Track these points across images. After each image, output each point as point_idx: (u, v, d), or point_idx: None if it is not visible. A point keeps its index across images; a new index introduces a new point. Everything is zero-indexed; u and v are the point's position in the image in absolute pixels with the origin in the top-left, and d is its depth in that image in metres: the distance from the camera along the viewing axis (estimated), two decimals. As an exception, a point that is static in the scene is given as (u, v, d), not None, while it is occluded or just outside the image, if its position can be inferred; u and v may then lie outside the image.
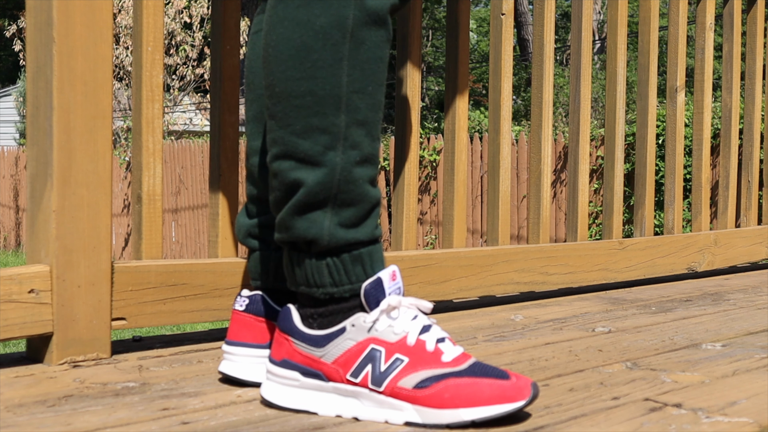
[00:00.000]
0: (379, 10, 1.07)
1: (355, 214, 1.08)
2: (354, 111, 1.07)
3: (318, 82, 1.06)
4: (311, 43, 1.06)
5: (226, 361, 1.24)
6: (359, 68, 1.07)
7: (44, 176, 1.31)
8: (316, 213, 1.07)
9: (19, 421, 1.03)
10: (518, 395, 1.01)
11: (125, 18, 10.35)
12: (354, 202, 1.08)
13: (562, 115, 13.66)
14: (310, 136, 1.06)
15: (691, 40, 13.12)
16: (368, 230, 1.10)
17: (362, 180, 1.08)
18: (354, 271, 1.08)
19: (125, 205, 10.39)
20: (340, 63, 1.06)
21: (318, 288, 1.09)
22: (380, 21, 1.08)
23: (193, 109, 13.06)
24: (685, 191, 6.14)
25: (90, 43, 1.32)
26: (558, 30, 23.04)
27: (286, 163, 1.08)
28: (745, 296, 2.21)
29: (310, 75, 1.06)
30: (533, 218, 2.23)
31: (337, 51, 1.06)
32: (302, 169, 1.07)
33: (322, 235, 1.07)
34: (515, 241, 7.62)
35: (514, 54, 14.01)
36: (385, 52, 1.10)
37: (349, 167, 1.07)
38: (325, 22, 1.05)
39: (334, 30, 1.05)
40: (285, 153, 1.08)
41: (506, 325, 1.76)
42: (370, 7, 1.06)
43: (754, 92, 2.92)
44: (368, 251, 1.09)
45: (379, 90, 1.10)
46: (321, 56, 1.06)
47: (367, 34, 1.07)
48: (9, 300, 1.26)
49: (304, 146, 1.07)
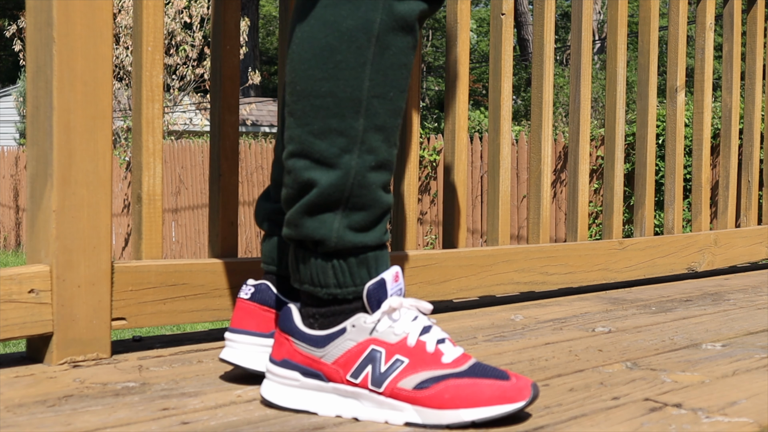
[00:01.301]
0: (407, 16, 1.06)
1: (366, 218, 1.08)
2: (373, 116, 1.07)
3: (339, 84, 1.06)
4: (336, 44, 1.06)
5: (227, 348, 1.24)
6: (382, 73, 1.07)
7: (44, 176, 1.31)
8: (326, 214, 1.07)
9: (19, 421, 1.03)
10: (518, 396, 1.01)
11: (125, 18, 10.35)
12: (366, 206, 1.08)
13: (562, 115, 13.66)
14: (327, 137, 1.06)
15: (691, 40, 13.12)
16: (377, 235, 1.09)
17: (375, 185, 1.08)
18: (359, 274, 1.08)
19: (125, 205, 10.39)
20: (364, 67, 1.06)
21: (322, 288, 1.09)
22: (407, 27, 1.07)
23: (193, 109, 13.06)
24: (685, 191, 6.14)
25: (90, 43, 1.32)
26: (558, 30, 23.04)
27: (301, 162, 1.08)
28: (745, 296, 2.21)
29: (332, 76, 1.06)
30: (533, 218, 2.23)
31: (362, 54, 1.05)
32: (317, 169, 1.07)
33: (331, 236, 1.07)
34: (515, 241, 7.62)
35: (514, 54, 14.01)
36: (410, 59, 1.09)
37: (364, 171, 1.07)
38: (351, 25, 1.05)
39: (360, 33, 1.05)
40: (301, 151, 1.08)
41: (506, 325, 1.76)
42: (398, 12, 1.06)
43: (754, 92, 2.92)
44: (375, 256, 1.09)
45: (401, 96, 1.10)
46: (345, 58, 1.05)
47: (393, 39, 1.06)
48: (9, 300, 1.26)
49: (321, 147, 1.07)
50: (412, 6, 1.07)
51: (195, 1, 10.97)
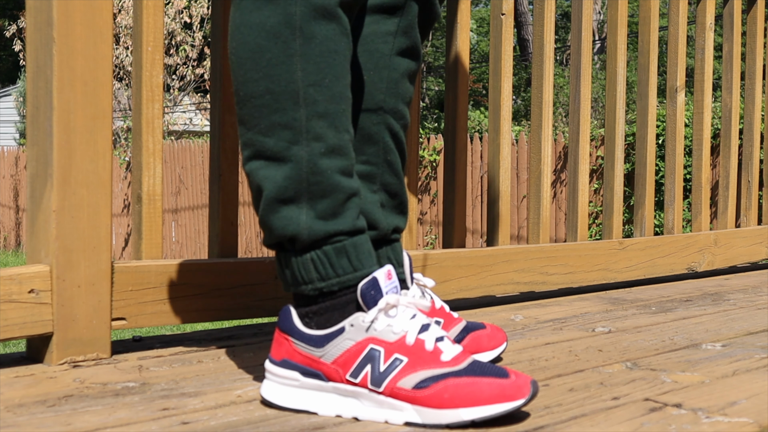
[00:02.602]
0: (326, 5, 1.09)
1: (330, 204, 1.09)
2: (312, 104, 1.09)
3: (274, 80, 1.09)
4: (264, 43, 1.09)
5: None
6: (312, 62, 1.09)
7: (44, 176, 1.31)
8: (290, 208, 1.09)
9: (19, 421, 1.03)
10: (518, 393, 1.01)
11: (125, 18, 10.35)
12: (326, 193, 1.09)
13: (562, 115, 13.66)
14: (274, 133, 1.09)
15: (691, 40, 13.12)
16: (348, 221, 1.10)
17: (331, 171, 1.10)
18: (339, 263, 1.09)
19: (125, 205, 10.40)
20: (292, 59, 1.09)
21: (307, 284, 1.10)
22: (329, 14, 1.10)
23: (193, 109, 13.06)
24: (685, 191, 6.14)
25: (90, 43, 1.32)
26: (558, 30, 23.04)
27: (256, 163, 1.11)
28: (745, 296, 2.21)
29: (266, 74, 1.09)
30: (533, 218, 2.23)
31: (288, 47, 1.08)
32: (270, 166, 1.09)
33: (300, 229, 1.08)
34: (515, 241, 7.62)
35: (514, 54, 14.01)
36: (340, 45, 1.11)
37: (315, 159, 1.09)
38: (274, 22, 1.08)
39: (283, 28, 1.08)
40: (254, 153, 1.11)
41: (506, 325, 1.76)
42: (315, 2, 1.08)
43: (754, 92, 2.92)
44: (352, 243, 1.10)
45: (339, 82, 1.12)
46: (274, 54, 1.09)
47: (317, 28, 1.09)
48: (9, 300, 1.26)
49: (269, 143, 1.09)
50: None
51: (195, 1, 10.97)
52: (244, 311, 1.57)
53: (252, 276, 1.59)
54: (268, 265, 1.61)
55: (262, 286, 1.60)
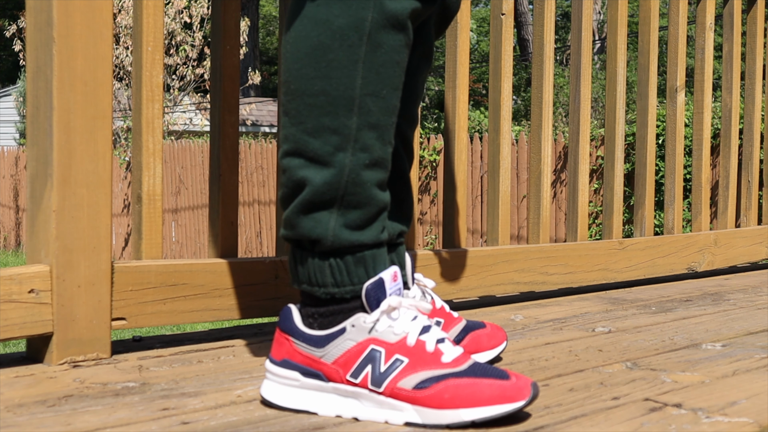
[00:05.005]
0: (398, 14, 1.07)
1: (361, 216, 1.08)
2: (366, 114, 1.07)
3: (332, 82, 1.06)
4: (328, 43, 1.06)
5: None
6: (374, 71, 1.07)
7: (44, 176, 1.31)
8: (321, 213, 1.08)
9: (19, 421, 1.03)
10: (518, 395, 1.01)
11: (125, 18, 10.35)
12: (361, 204, 1.08)
13: (562, 115, 13.66)
14: (320, 136, 1.07)
15: (691, 40, 13.12)
16: (373, 234, 1.10)
17: (370, 183, 1.08)
18: (356, 272, 1.08)
19: (125, 205, 10.39)
20: (356, 65, 1.06)
21: (320, 287, 1.09)
22: (399, 25, 1.07)
23: (193, 109, 13.05)
24: (685, 191, 6.14)
25: (90, 43, 1.32)
26: (558, 30, 23.04)
27: (296, 161, 1.08)
28: (745, 296, 2.21)
29: (324, 74, 1.06)
30: (533, 218, 2.23)
31: (353, 52, 1.06)
32: (311, 167, 1.07)
33: (327, 235, 1.07)
34: (515, 241, 7.62)
35: (514, 54, 14.01)
36: (402, 57, 1.09)
37: (358, 169, 1.07)
38: (343, 23, 1.06)
39: (352, 31, 1.05)
40: (295, 150, 1.08)
41: (506, 325, 1.76)
42: (389, 10, 1.06)
43: (754, 92, 2.92)
44: (372, 254, 1.09)
45: (394, 94, 1.10)
46: (337, 56, 1.06)
47: (385, 37, 1.07)
48: (9, 300, 1.26)
49: (314, 145, 1.07)
50: (404, 4, 1.07)
51: (195, 1, 10.97)
52: (244, 311, 1.57)
53: (252, 276, 1.59)
54: (268, 265, 1.61)
55: (262, 286, 1.60)
